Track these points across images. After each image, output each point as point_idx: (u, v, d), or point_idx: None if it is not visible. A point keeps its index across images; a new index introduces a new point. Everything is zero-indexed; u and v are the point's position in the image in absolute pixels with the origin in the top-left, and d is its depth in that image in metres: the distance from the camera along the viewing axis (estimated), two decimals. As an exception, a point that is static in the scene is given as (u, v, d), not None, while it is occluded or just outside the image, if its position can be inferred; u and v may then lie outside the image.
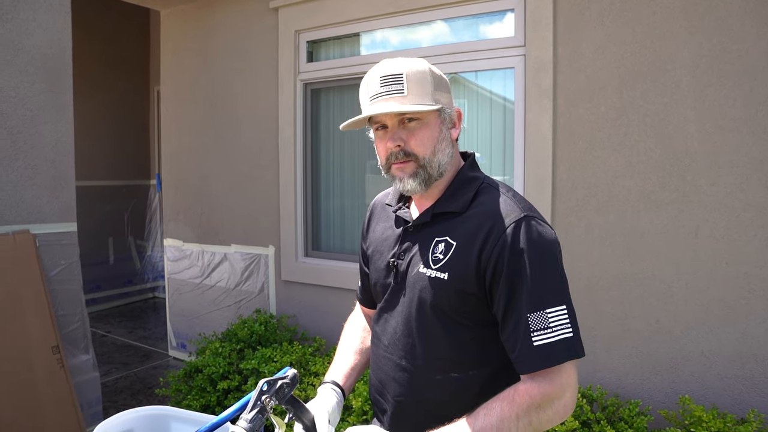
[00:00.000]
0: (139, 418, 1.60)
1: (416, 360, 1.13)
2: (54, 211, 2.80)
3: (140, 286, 6.11)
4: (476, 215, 1.09)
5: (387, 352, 1.19)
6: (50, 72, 2.78)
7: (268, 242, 3.69)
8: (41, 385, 2.53)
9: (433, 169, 1.10)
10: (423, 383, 1.13)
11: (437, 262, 1.09)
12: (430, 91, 1.09)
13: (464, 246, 1.07)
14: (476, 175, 1.17)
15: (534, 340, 0.99)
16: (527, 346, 0.99)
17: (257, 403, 1.02)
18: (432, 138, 1.10)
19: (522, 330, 1.00)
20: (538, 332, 0.99)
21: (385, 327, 1.20)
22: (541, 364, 0.99)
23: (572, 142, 2.59)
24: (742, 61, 2.22)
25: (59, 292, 2.77)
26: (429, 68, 1.12)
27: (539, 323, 0.99)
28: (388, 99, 1.07)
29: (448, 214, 1.12)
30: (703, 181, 2.31)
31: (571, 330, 1.00)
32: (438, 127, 1.11)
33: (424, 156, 1.09)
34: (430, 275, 1.09)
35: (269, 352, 2.93)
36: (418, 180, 1.10)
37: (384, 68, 1.10)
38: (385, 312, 1.20)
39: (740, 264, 2.26)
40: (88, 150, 5.09)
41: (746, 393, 2.26)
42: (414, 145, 1.09)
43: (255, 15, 3.67)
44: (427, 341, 1.11)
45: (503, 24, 2.83)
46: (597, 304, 2.56)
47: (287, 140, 3.54)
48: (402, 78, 1.07)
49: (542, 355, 0.99)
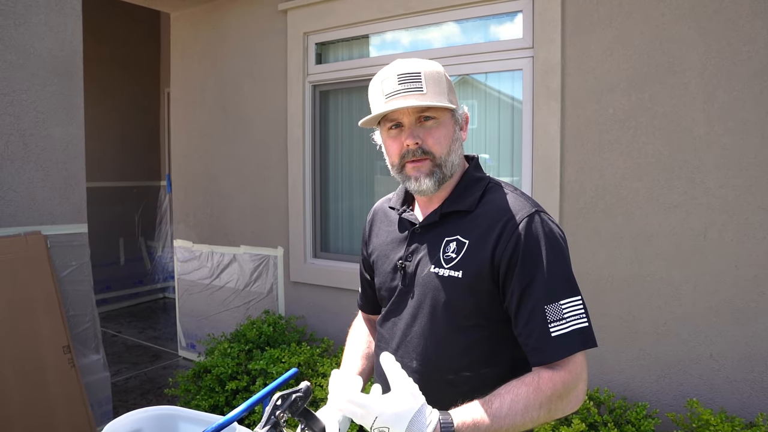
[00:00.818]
0: (147, 418, 1.63)
1: (430, 361, 1.13)
2: (65, 213, 2.83)
3: (150, 287, 6.16)
4: (486, 213, 1.10)
5: (397, 355, 1.18)
6: (61, 75, 2.81)
7: (277, 243, 3.71)
8: (52, 384, 2.57)
9: (447, 169, 1.12)
10: (435, 384, 1.13)
11: (450, 261, 1.10)
12: (446, 92, 1.11)
13: (477, 243, 1.08)
14: (482, 176, 1.19)
15: (552, 330, 1.01)
16: (545, 337, 1.01)
17: (271, 418, 1.02)
18: (448, 137, 1.12)
19: (539, 321, 1.02)
20: (555, 323, 1.01)
21: (393, 330, 1.20)
22: (559, 354, 1.01)
23: (580, 144, 2.59)
24: (752, 62, 2.20)
25: (70, 293, 2.81)
26: (443, 70, 1.14)
27: (555, 314, 1.02)
28: (407, 96, 1.07)
29: (456, 213, 1.14)
30: (712, 184, 2.30)
31: (585, 320, 1.03)
32: (452, 127, 1.13)
33: (440, 155, 1.10)
34: (443, 274, 1.10)
35: (277, 352, 2.94)
36: (434, 179, 1.11)
37: (402, 67, 1.10)
38: (393, 315, 1.21)
39: (749, 267, 2.24)
40: (99, 152, 5.15)
41: (755, 396, 2.24)
42: (432, 143, 1.10)
43: (264, 17, 3.69)
44: (440, 341, 1.12)
45: (512, 26, 2.83)
46: (605, 306, 2.55)
47: (296, 142, 3.56)
48: (421, 76, 1.08)
49: (560, 345, 1.01)
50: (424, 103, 1.06)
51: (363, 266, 1.39)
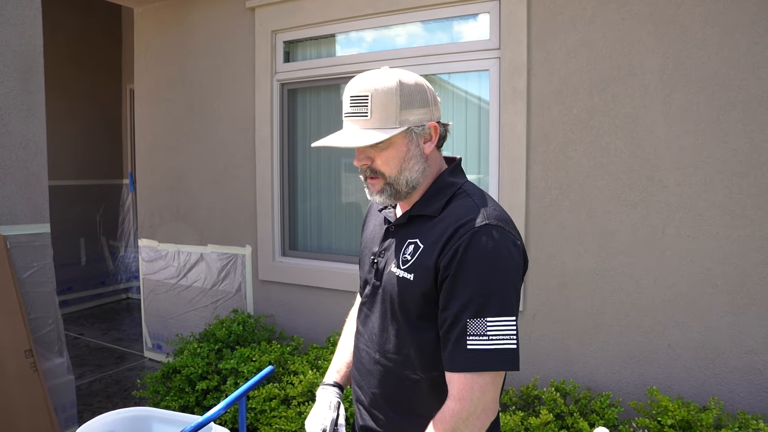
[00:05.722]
0: (121, 420, 1.61)
1: (388, 355, 1.17)
2: (26, 212, 2.75)
3: (113, 287, 6.00)
4: (444, 219, 1.11)
5: (366, 345, 1.24)
6: (21, 70, 2.72)
7: (245, 242, 3.68)
8: (13, 390, 2.49)
9: (400, 186, 1.14)
10: (393, 380, 1.17)
11: (405, 262, 1.13)
12: (395, 113, 1.09)
13: (429, 248, 1.09)
14: (455, 181, 1.17)
15: (468, 342, 1.01)
16: (460, 348, 1.01)
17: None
18: (398, 158, 1.12)
19: (458, 331, 1.02)
20: (474, 337, 1.00)
21: (365, 322, 1.25)
22: (466, 366, 1.01)
23: (546, 143, 2.67)
24: (705, 67, 2.32)
25: (32, 295, 2.73)
26: (398, 85, 1.09)
27: (478, 329, 1.01)
28: (354, 121, 1.11)
29: (422, 217, 1.16)
30: (670, 182, 2.41)
31: (513, 342, 1.01)
32: (405, 147, 1.12)
33: (390, 175, 1.13)
34: (399, 275, 1.13)
35: (248, 351, 2.93)
36: (385, 195, 1.15)
37: (354, 87, 1.11)
38: (365, 307, 1.25)
39: (704, 261, 2.37)
40: (58, 149, 4.99)
41: (708, 383, 2.37)
42: (380, 164, 1.13)
43: (231, 15, 3.65)
44: (396, 339, 1.16)
45: (479, 27, 2.89)
46: (570, 300, 2.64)
47: (264, 140, 3.54)
48: (367, 100, 1.09)
49: (471, 359, 1.00)
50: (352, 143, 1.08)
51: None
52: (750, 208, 2.27)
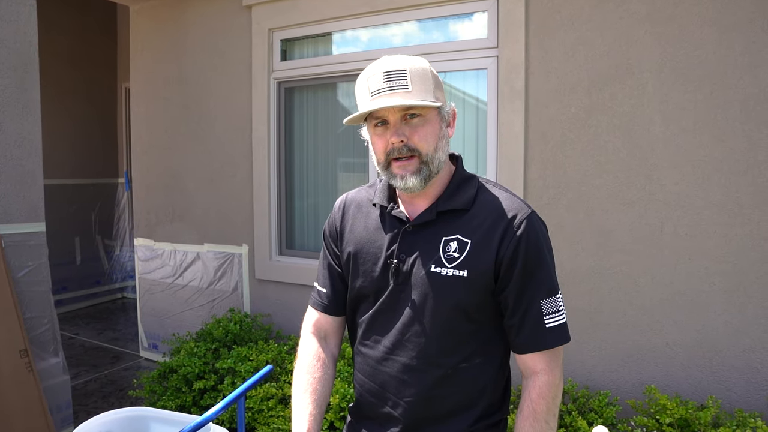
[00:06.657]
0: (118, 420, 1.60)
1: (430, 358, 1.14)
2: (21, 211, 2.72)
3: (108, 287, 5.97)
4: (485, 212, 1.13)
5: (391, 353, 1.17)
6: (16, 67, 2.70)
7: (242, 241, 3.67)
8: (8, 390, 2.47)
9: (434, 166, 1.11)
10: (434, 380, 1.14)
11: (453, 260, 1.11)
12: (432, 89, 1.10)
13: (481, 243, 1.10)
14: (471, 174, 1.21)
15: (546, 321, 1.11)
16: (540, 328, 1.11)
17: None
18: (434, 134, 1.11)
19: (535, 313, 1.10)
20: (550, 315, 1.11)
21: (385, 328, 1.18)
22: (551, 343, 1.11)
23: (544, 142, 2.66)
24: (703, 66, 2.32)
25: (27, 294, 2.70)
26: (429, 66, 1.13)
27: (551, 307, 1.12)
28: (393, 94, 1.06)
29: (452, 212, 1.14)
30: (668, 181, 2.41)
31: (565, 314, 1.14)
32: (438, 125, 1.12)
33: (427, 152, 1.10)
34: (447, 274, 1.10)
35: (245, 351, 2.92)
36: (421, 177, 1.10)
37: (387, 64, 1.09)
38: (384, 314, 1.18)
39: (701, 259, 2.37)
40: (53, 148, 4.96)
41: (706, 381, 2.37)
42: (417, 140, 1.09)
43: (228, 13, 3.63)
44: (440, 338, 1.13)
45: (476, 25, 2.89)
46: (568, 299, 2.63)
47: (261, 139, 3.53)
48: (406, 74, 1.07)
49: (556, 335, 1.11)
50: (407, 102, 1.05)
51: (333, 261, 1.32)
52: (747, 207, 2.28)
